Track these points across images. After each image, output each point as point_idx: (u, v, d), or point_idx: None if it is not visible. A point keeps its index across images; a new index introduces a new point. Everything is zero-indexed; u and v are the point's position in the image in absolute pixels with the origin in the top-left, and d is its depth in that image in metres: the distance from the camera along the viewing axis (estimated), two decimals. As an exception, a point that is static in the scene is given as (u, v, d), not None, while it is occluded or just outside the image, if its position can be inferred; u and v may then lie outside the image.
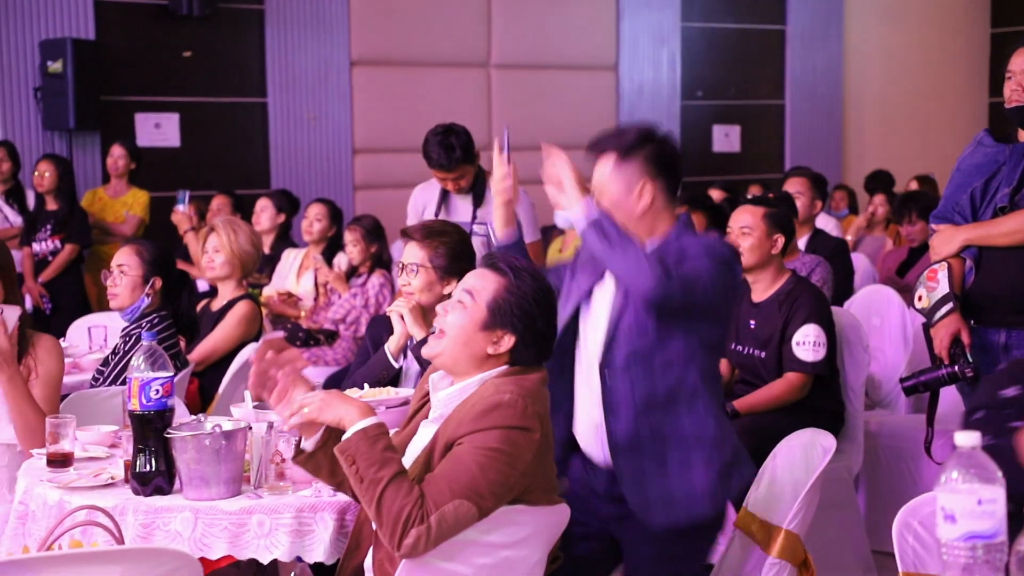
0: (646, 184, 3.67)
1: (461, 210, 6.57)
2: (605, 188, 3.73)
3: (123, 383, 4.07)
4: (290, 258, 7.52)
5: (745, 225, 5.44)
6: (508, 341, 3.20)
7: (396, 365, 4.57)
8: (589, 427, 3.83)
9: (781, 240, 5.46)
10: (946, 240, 4.74)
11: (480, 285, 3.27)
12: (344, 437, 3.01)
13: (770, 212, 5.56)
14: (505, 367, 3.23)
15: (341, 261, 7.10)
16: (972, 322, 4.73)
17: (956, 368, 4.59)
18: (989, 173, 4.86)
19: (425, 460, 3.12)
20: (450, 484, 2.94)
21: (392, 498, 2.89)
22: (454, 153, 6.50)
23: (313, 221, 7.72)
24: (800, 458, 3.95)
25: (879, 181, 10.61)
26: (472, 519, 2.93)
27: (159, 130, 10.23)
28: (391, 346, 4.57)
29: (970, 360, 4.54)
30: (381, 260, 7.12)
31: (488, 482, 2.96)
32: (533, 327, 3.21)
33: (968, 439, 2.28)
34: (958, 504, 2.22)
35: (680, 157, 3.93)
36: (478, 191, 6.72)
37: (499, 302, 3.21)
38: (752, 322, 5.38)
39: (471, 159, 6.69)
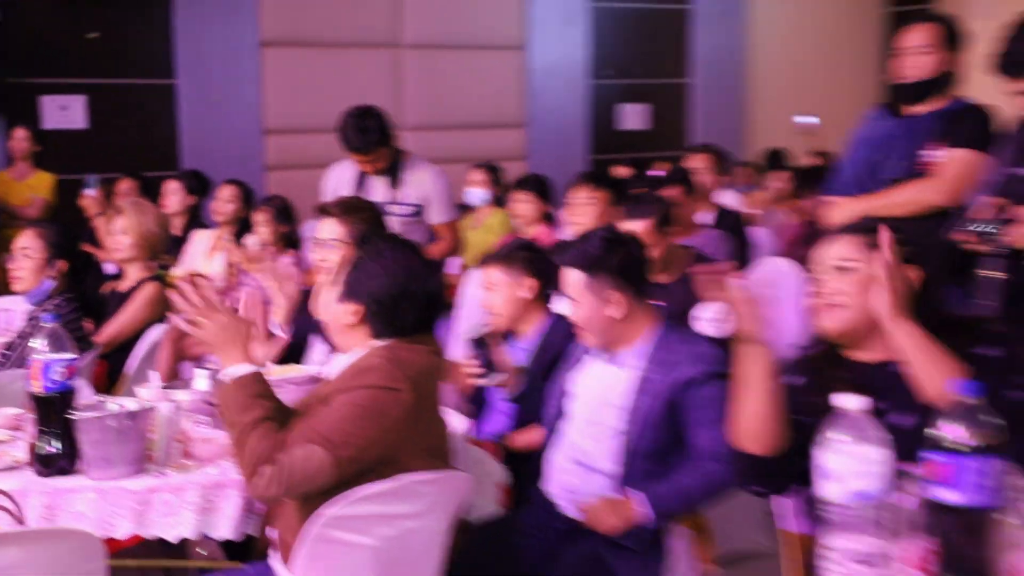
0: (615, 295, 3.72)
1: (378, 191, 6.54)
2: (577, 305, 3.77)
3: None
4: (200, 240, 7.36)
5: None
6: (357, 313, 3.27)
7: (279, 333, 4.62)
8: (561, 485, 3.91)
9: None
10: (843, 211, 4.78)
11: (338, 261, 3.43)
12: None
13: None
14: (395, 339, 3.27)
15: (251, 242, 7.07)
16: None
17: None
18: (881, 146, 4.93)
19: (307, 408, 3.20)
20: (308, 432, 3.03)
21: (253, 441, 2.98)
22: (371, 136, 6.46)
23: (224, 202, 7.65)
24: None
25: (775, 159, 10.82)
26: (324, 465, 2.98)
27: (65, 112, 10.08)
28: (276, 316, 4.60)
29: None
30: (291, 240, 7.10)
31: (344, 432, 3.04)
32: (378, 300, 3.25)
33: (852, 402, 2.33)
34: (842, 464, 2.27)
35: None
36: (394, 172, 6.70)
37: (347, 276, 3.30)
38: (659, 300, 5.39)
39: (387, 141, 6.63)
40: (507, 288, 4.45)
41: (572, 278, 3.76)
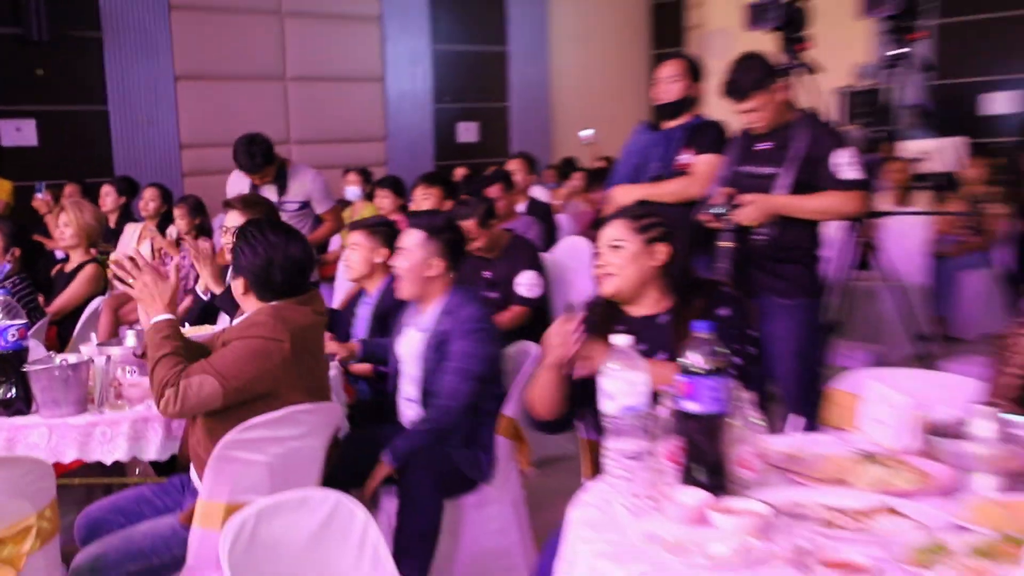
0: (436, 260, 3.72)
1: (268, 196, 6.48)
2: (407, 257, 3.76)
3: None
4: (131, 230, 7.24)
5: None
6: (244, 284, 3.27)
7: (204, 297, 4.59)
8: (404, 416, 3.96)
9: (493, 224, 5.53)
10: (624, 194, 4.81)
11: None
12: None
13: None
14: (281, 300, 3.27)
15: (172, 231, 6.98)
16: None
17: None
18: (644, 152, 4.98)
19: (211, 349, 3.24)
20: (205, 365, 3.05)
21: (160, 370, 3.02)
22: (256, 159, 6.40)
23: (148, 201, 7.42)
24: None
25: (570, 163, 10.95)
26: (215, 391, 3.02)
27: (20, 133, 9.80)
28: (199, 286, 4.61)
29: None
30: (204, 229, 6.98)
31: (233, 369, 3.06)
32: (252, 271, 3.25)
33: (622, 340, 2.34)
34: (616, 387, 2.28)
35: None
36: (280, 180, 6.63)
37: (232, 258, 3.33)
38: (486, 272, 5.39)
39: (271, 160, 6.56)
40: (365, 251, 4.41)
41: (412, 237, 3.74)
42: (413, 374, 3.83)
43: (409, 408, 3.88)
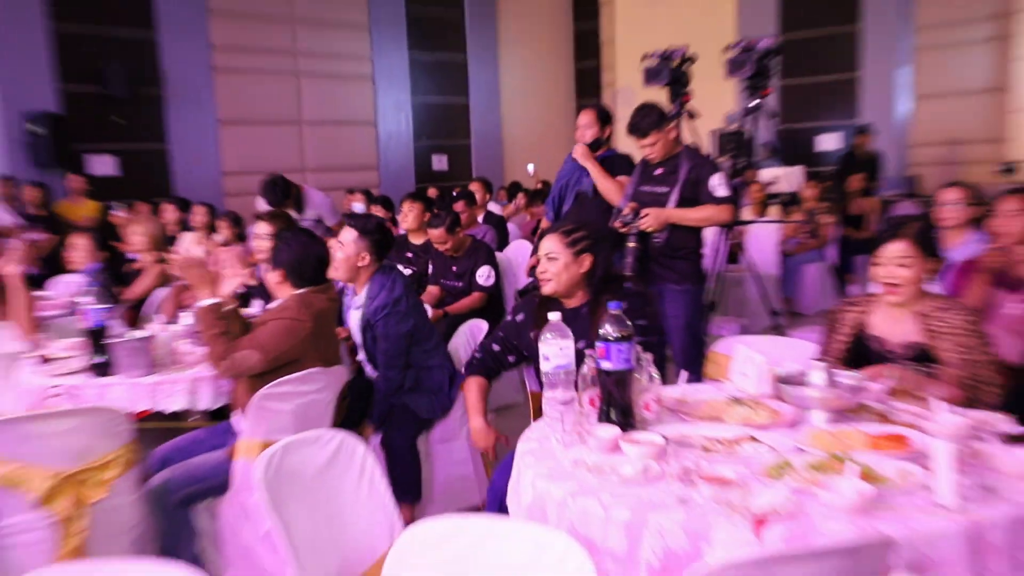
0: (365, 253, 3.61)
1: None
2: (344, 249, 3.62)
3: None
4: (186, 238, 7.03)
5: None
6: (281, 275, 3.24)
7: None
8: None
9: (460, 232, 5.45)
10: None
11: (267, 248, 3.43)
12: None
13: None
14: (307, 288, 3.25)
15: (217, 238, 6.86)
16: None
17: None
18: (570, 176, 4.95)
19: (252, 329, 3.20)
20: (250, 341, 3.06)
21: (216, 345, 3.04)
22: (277, 196, 6.32)
23: (198, 215, 7.23)
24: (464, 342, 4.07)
25: (516, 185, 10.81)
26: (256, 360, 3.04)
27: (104, 165, 9.63)
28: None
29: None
30: (240, 236, 6.84)
31: (269, 342, 3.07)
32: (291, 265, 3.22)
33: (555, 316, 2.34)
34: (551, 350, 2.28)
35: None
36: (297, 205, 6.59)
37: (272, 255, 3.30)
38: (454, 267, 5.36)
39: (288, 194, 6.49)
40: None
41: (348, 234, 3.60)
42: (359, 343, 3.77)
43: (366, 366, 3.80)
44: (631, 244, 4.33)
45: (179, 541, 3.06)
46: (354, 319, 3.77)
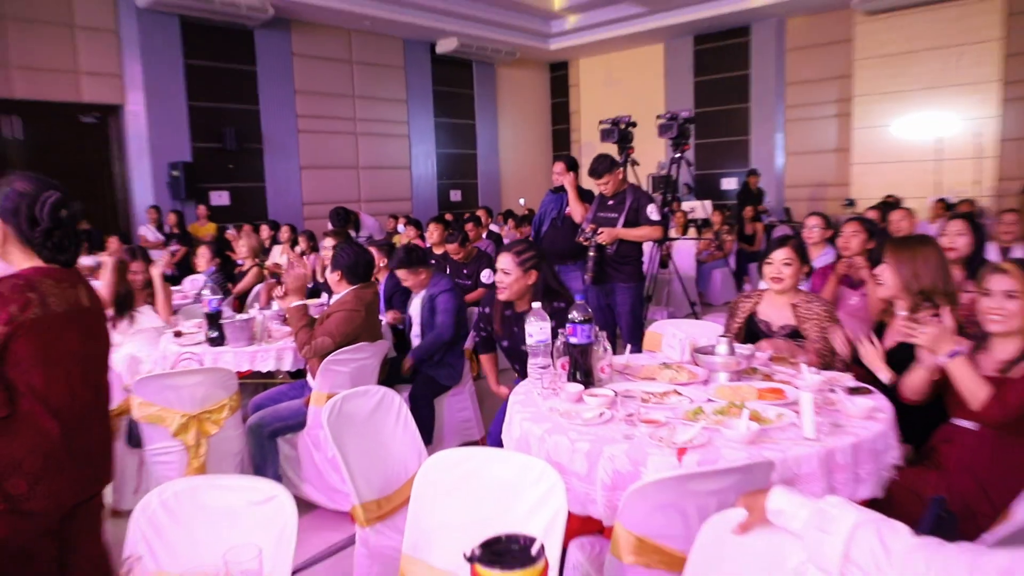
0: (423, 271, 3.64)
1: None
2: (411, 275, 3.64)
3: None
4: (277, 249, 6.97)
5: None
6: (339, 275, 3.17)
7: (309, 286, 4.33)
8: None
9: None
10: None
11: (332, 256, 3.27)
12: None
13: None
14: (358, 284, 3.19)
15: (298, 250, 6.74)
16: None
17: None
18: (547, 207, 4.92)
19: (322, 320, 3.10)
20: (322, 329, 3.00)
21: (301, 335, 3.00)
22: (339, 220, 6.43)
23: (286, 233, 7.15)
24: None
25: (509, 213, 10.55)
26: (329, 344, 2.99)
27: (220, 198, 9.51)
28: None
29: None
30: (315, 248, 6.70)
31: (336, 330, 3.01)
32: (348, 266, 3.15)
33: (535, 306, 2.31)
34: (534, 329, 2.26)
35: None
36: (355, 227, 6.65)
37: (332, 261, 3.21)
38: (464, 270, 5.31)
39: (348, 220, 6.64)
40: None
41: (411, 265, 3.62)
42: (416, 322, 3.73)
43: (415, 340, 3.76)
44: (591, 253, 4.32)
45: (267, 463, 3.04)
46: (415, 305, 3.74)
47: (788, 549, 1.18)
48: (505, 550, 0.88)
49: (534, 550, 0.87)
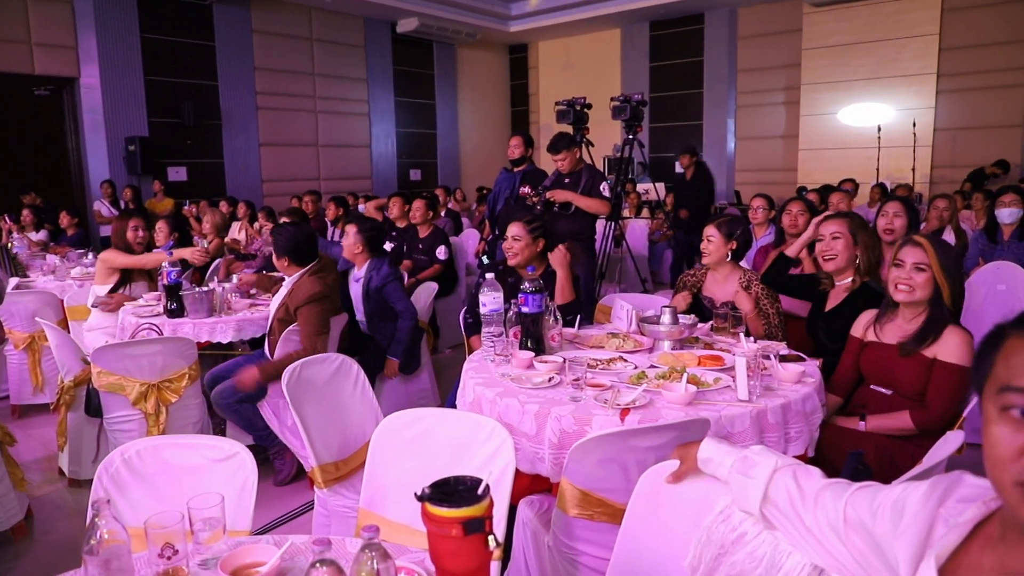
0: (360, 244, 3.54)
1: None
2: (347, 240, 3.53)
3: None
4: (235, 225, 6.87)
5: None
6: (285, 261, 3.05)
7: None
8: None
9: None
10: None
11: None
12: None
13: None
14: (306, 267, 3.06)
15: (256, 226, 6.65)
16: None
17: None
18: (501, 186, 4.93)
19: (295, 311, 2.97)
20: (308, 330, 2.91)
21: (311, 344, 2.88)
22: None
23: (244, 209, 7.07)
24: (421, 296, 3.93)
25: (480, 190, 10.55)
26: (323, 341, 2.92)
27: (177, 173, 9.20)
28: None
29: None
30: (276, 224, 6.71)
31: (318, 323, 2.93)
32: (288, 251, 3.01)
33: (489, 274, 2.34)
34: (487, 299, 2.29)
35: None
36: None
37: (273, 246, 3.08)
38: (420, 245, 5.26)
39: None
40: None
41: (351, 229, 3.52)
42: (359, 307, 3.64)
43: (362, 324, 3.66)
44: (538, 209, 4.28)
45: (253, 421, 3.01)
46: (355, 291, 3.67)
47: (716, 495, 1.25)
48: (453, 490, 0.93)
49: (480, 489, 0.92)
